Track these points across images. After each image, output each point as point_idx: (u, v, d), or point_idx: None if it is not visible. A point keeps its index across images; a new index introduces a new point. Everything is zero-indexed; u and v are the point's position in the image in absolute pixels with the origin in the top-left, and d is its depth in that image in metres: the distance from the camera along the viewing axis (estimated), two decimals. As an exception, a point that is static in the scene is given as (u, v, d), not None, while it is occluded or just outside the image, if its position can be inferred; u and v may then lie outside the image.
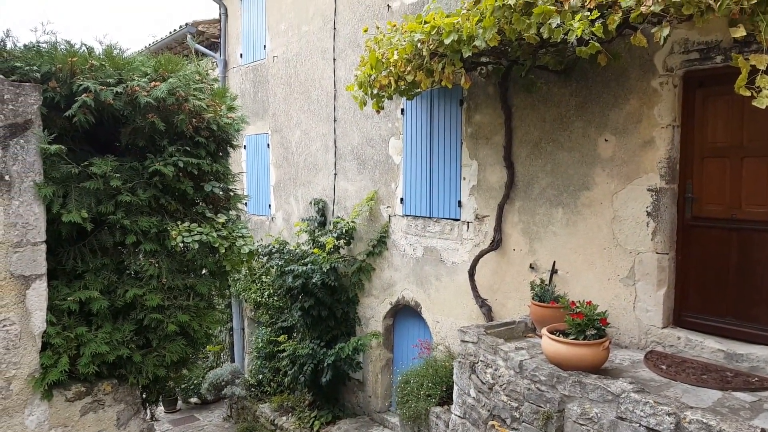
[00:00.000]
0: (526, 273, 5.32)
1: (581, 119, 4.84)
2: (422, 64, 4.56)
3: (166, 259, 4.26)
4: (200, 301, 4.49)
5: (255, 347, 8.59)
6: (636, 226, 4.49)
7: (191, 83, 4.22)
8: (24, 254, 3.77)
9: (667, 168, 4.31)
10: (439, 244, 6.28)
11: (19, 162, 3.73)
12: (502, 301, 5.58)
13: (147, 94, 3.90)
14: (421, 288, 6.55)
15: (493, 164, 5.60)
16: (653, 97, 4.35)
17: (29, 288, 3.81)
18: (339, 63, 7.60)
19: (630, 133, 4.50)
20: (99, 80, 3.89)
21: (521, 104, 5.32)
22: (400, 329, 7.20)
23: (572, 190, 4.94)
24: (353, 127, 7.44)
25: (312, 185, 8.30)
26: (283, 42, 8.77)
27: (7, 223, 3.70)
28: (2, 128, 3.67)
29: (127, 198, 3.99)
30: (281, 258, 7.51)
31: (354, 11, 7.31)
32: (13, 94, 3.72)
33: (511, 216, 5.47)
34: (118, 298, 4.13)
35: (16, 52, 3.99)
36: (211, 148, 4.42)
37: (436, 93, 6.16)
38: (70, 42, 4.17)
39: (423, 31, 4.41)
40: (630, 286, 4.55)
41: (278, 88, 8.95)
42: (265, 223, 9.49)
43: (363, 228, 7.34)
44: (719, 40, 3.98)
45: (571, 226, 4.96)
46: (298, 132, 8.52)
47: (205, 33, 10.38)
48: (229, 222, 4.59)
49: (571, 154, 4.93)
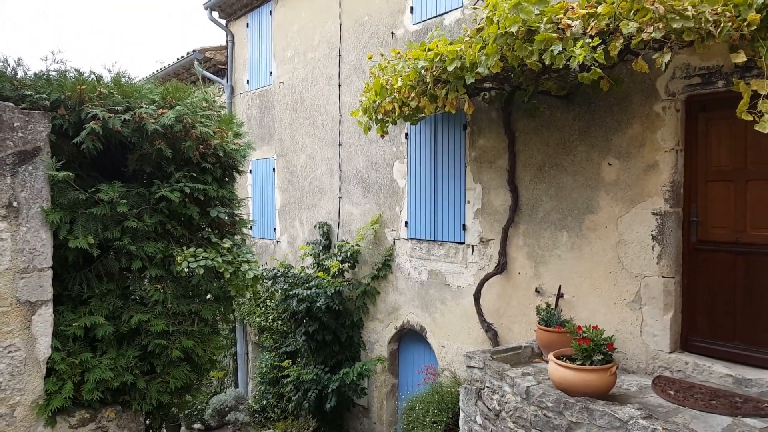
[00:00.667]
0: (532, 297, 5.30)
1: (584, 143, 4.87)
2: (426, 90, 4.61)
3: (172, 284, 4.27)
4: (205, 326, 4.48)
5: (259, 372, 8.53)
6: (641, 249, 4.48)
7: (198, 110, 4.27)
8: (30, 280, 3.78)
9: (672, 192, 4.31)
10: (443, 268, 6.27)
11: (28, 188, 3.77)
12: (508, 326, 5.55)
13: (154, 122, 3.95)
14: (426, 312, 6.52)
15: (497, 188, 5.62)
16: (656, 122, 4.38)
17: (35, 314, 3.82)
18: (344, 89, 7.68)
19: (633, 157, 4.51)
20: (107, 107, 3.95)
21: (524, 128, 5.35)
22: (405, 354, 7.15)
23: (576, 213, 4.94)
24: (358, 152, 7.49)
25: (317, 209, 8.33)
26: (289, 68, 8.88)
27: (15, 249, 3.72)
28: (12, 155, 3.72)
29: (134, 223, 4.01)
30: (286, 282, 7.51)
31: (359, 39, 7.42)
32: (22, 122, 3.78)
33: (515, 239, 5.47)
34: (123, 324, 4.13)
35: (27, 81, 4.06)
36: (217, 174, 4.46)
37: (440, 118, 6.21)
38: (79, 70, 4.24)
39: (426, 58, 4.47)
40: (636, 311, 4.52)
41: (284, 114, 9.04)
42: (270, 247, 9.50)
43: (367, 251, 7.34)
44: (720, 65, 4.02)
45: (576, 249, 4.95)
46: (304, 156, 8.58)
47: (212, 59, 10.53)
48: (234, 246, 4.61)
49: (575, 178, 4.94)
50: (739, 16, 3.29)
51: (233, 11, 10.07)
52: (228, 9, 10.08)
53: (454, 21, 6.04)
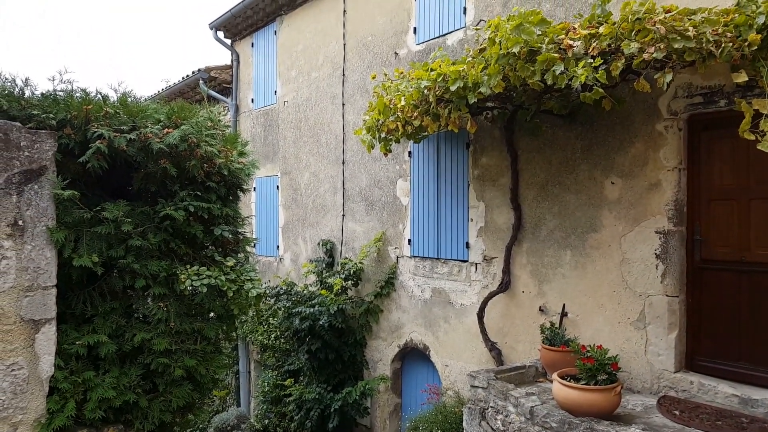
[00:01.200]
0: (536, 316, 5.27)
1: (587, 162, 4.88)
2: (429, 109, 4.64)
3: (175, 302, 4.27)
4: (207, 345, 4.47)
5: (261, 391, 8.47)
6: (645, 268, 4.47)
7: (203, 129, 4.30)
8: (35, 298, 3.79)
9: (675, 210, 4.32)
10: (447, 286, 6.26)
11: (33, 207, 3.80)
12: (512, 344, 5.52)
13: (160, 141, 3.98)
14: (430, 330, 6.50)
15: (500, 206, 5.63)
16: (658, 140, 4.39)
17: (38, 332, 3.82)
18: (348, 107, 7.74)
19: (636, 176, 4.52)
20: (113, 127, 3.98)
21: (527, 147, 5.38)
22: (409, 373, 7.11)
23: (580, 232, 4.94)
24: (361, 169, 7.52)
25: (320, 226, 8.34)
26: (293, 88, 8.96)
27: (19, 268, 3.74)
28: (18, 174, 3.74)
29: (138, 242, 4.03)
30: (288, 300, 7.50)
31: (362, 58, 7.49)
32: (29, 141, 3.81)
33: (519, 258, 5.46)
34: (126, 342, 4.12)
35: (34, 100, 4.10)
36: (221, 193, 4.48)
37: (443, 136, 6.25)
38: (86, 90, 4.28)
39: (429, 78, 4.51)
40: (641, 330, 4.50)
41: (288, 132, 9.10)
42: (273, 264, 9.50)
43: (371, 269, 7.34)
44: (722, 85, 4.04)
45: (580, 268, 4.94)
46: (307, 174, 8.62)
47: (217, 78, 10.64)
48: (238, 264, 4.61)
49: (578, 196, 4.95)
50: (740, 36, 3.32)
51: (238, 31, 10.20)
52: (233, 29, 10.20)
53: (457, 41, 6.10)
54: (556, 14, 5.08)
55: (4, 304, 3.68)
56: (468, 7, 5.99)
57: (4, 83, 4.08)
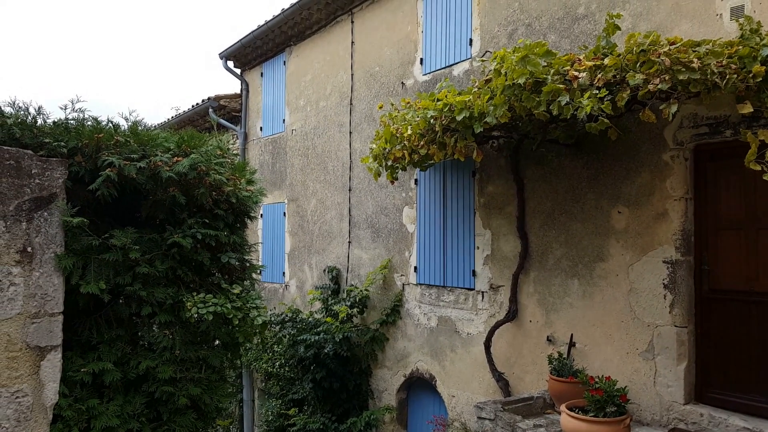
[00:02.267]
0: (544, 346, 5.22)
1: (593, 191, 4.89)
2: (435, 138, 4.68)
3: (180, 330, 4.26)
4: (212, 373, 4.44)
5: (265, 420, 8.37)
6: (653, 298, 4.44)
7: (212, 158, 4.34)
8: (41, 325, 3.79)
9: (682, 240, 4.30)
10: (453, 314, 6.22)
11: (42, 234, 3.82)
12: (519, 375, 5.46)
13: (169, 169, 4.02)
14: (436, 360, 6.44)
15: (507, 234, 5.63)
16: (665, 170, 4.40)
17: (44, 359, 3.81)
18: (355, 136, 7.81)
19: (643, 205, 4.52)
20: (123, 155, 4.02)
21: (533, 176, 5.40)
22: (414, 403, 7.02)
23: (587, 261, 4.92)
24: (368, 197, 7.56)
25: (326, 253, 8.34)
26: (301, 116, 9.07)
27: (27, 294, 3.75)
28: (28, 201, 3.78)
29: (145, 269, 4.04)
30: (294, 327, 7.46)
31: (370, 88, 7.58)
32: (40, 169, 3.85)
33: (526, 286, 5.44)
34: (131, 370, 4.10)
35: (46, 129, 4.16)
36: (229, 220, 4.50)
37: (449, 164, 6.28)
38: (97, 119, 4.35)
39: (436, 108, 4.56)
40: (650, 361, 4.44)
41: (296, 160, 9.18)
42: (279, 291, 9.48)
43: (376, 296, 7.31)
44: (728, 115, 4.06)
45: (588, 297, 4.91)
46: (314, 201, 8.66)
47: (226, 107, 10.78)
48: (244, 292, 4.61)
49: (585, 225, 4.94)
50: (744, 68, 3.35)
51: (248, 61, 10.36)
52: (243, 59, 10.38)
53: (463, 72, 6.18)
54: (561, 45, 5.15)
55: (11, 330, 3.69)
56: (474, 38, 6.08)
57: (17, 111, 4.15)
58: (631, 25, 4.64)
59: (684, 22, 4.33)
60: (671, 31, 4.34)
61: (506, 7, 5.73)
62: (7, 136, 3.97)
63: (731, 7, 4.06)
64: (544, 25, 5.36)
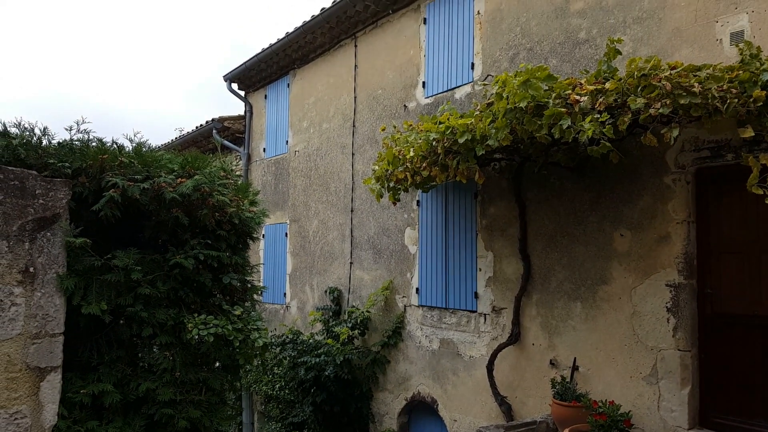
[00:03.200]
0: (546, 369, 5.18)
1: (595, 214, 4.89)
2: (437, 160, 4.71)
3: (181, 351, 4.23)
4: (212, 395, 4.40)
5: (265, 443, 8.29)
6: (656, 321, 4.41)
7: (216, 179, 4.36)
8: (41, 346, 3.77)
9: (685, 263, 4.29)
10: (455, 337, 6.18)
11: (45, 254, 3.82)
12: (522, 399, 5.40)
13: (173, 190, 4.03)
14: (438, 383, 6.38)
15: (509, 256, 5.62)
16: (666, 193, 4.41)
17: (44, 380, 3.78)
18: (357, 157, 7.85)
19: (645, 228, 4.52)
20: (127, 176, 4.04)
21: (535, 198, 5.40)
22: (416, 428, 6.94)
23: (590, 284, 4.90)
24: (370, 218, 7.56)
25: (328, 274, 8.32)
26: (304, 138, 9.12)
27: (28, 315, 3.73)
28: (31, 222, 3.79)
29: (147, 290, 4.03)
30: (294, 349, 7.41)
31: (372, 111, 7.64)
32: (44, 189, 3.87)
33: (528, 309, 5.41)
34: (131, 392, 4.07)
35: (51, 149, 4.18)
36: (231, 241, 4.50)
37: (451, 186, 6.30)
38: (102, 140, 4.38)
39: (438, 130, 4.59)
40: (653, 385, 4.40)
41: (298, 180, 9.21)
42: (280, 312, 9.44)
43: (378, 318, 7.28)
44: (729, 139, 4.08)
45: (591, 321, 4.88)
46: (316, 222, 8.67)
47: (230, 129, 10.85)
48: (245, 313, 4.59)
49: (587, 248, 4.94)
50: (745, 92, 3.38)
51: (252, 83, 10.47)
52: (247, 81, 10.48)
53: (464, 95, 6.23)
54: (563, 70, 5.20)
55: (11, 351, 3.67)
56: (476, 62, 6.14)
57: (23, 132, 4.18)
58: (631, 50, 4.69)
59: (684, 47, 4.38)
60: (672, 56, 4.38)
61: (508, 32, 5.80)
62: (12, 157, 3.99)
63: (731, 33, 4.10)
64: (545, 50, 5.42)
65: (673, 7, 4.48)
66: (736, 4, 4.11)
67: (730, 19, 4.13)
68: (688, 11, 4.38)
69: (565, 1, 5.28)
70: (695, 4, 4.34)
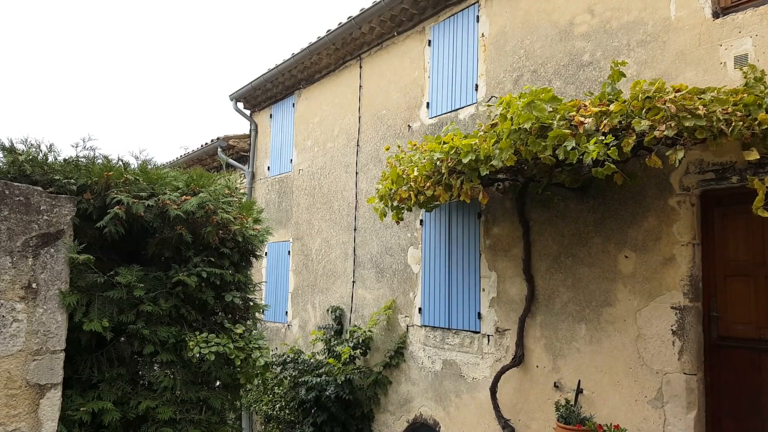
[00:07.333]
0: (551, 392, 5.12)
1: (600, 235, 4.88)
2: (441, 180, 4.71)
3: (182, 370, 4.20)
4: (212, 415, 4.36)
5: (265, 464, 8.18)
6: (661, 344, 4.37)
7: (220, 197, 4.37)
8: (42, 362, 3.75)
9: (690, 286, 4.26)
10: (458, 358, 6.13)
11: (48, 270, 3.82)
12: (525, 422, 5.33)
13: (177, 208, 4.04)
14: (440, 405, 6.31)
15: (513, 276, 5.59)
16: (671, 215, 4.40)
17: (43, 397, 3.75)
18: (361, 176, 7.87)
19: (650, 250, 4.50)
20: (132, 193, 4.05)
21: (539, 218, 5.39)
22: (418, 449, 6.85)
23: (594, 305, 4.87)
24: (373, 237, 7.55)
25: (330, 292, 8.29)
26: (308, 156, 9.16)
27: (30, 331, 3.72)
28: (35, 237, 3.80)
29: (149, 308, 4.02)
30: (295, 368, 7.35)
31: (376, 130, 7.68)
32: (48, 205, 3.88)
33: (533, 330, 5.37)
34: (131, 410, 4.03)
35: (56, 166, 4.21)
36: (234, 259, 4.50)
37: (455, 205, 6.29)
38: (108, 157, 4.40)
39: (442, 150, 4.60)
40: (659, 408, 4.34)
41: (302, 199, 9.23)
42: (281, 331, 9.39)
43: (380, 337, 7.22)
44: (734, 161, 4.08)
45: (595, 343, 4.83)
46: (319, 240, 8.66)
47: (235, 147, 10.92)
48: (246, 332, 4.56)
49: (592, 269, 4.91)
50: (750, 115, 3.39)
51: (257, 102, 10.55)
52: (252, 100, 10.56)
53: (468, 116, 6.26)
54: (567, 91, 5.23)
55: (11, 367, 3.65)
56: (480, 83, 6.18)
57: (29, 148, 4.21)
58: (636, 73, 4.71)
59: (688, 70, 4.40)
60: (676, 79, 4.41)
61: (512, 54, 5.85)
62: (18, 173, 4.01)
63: (735, 56, 4.13)
64: (549, 72, 5.45)
65: (677, 30, 4.51)
66: (740, 27, 4.14)
67: (734, 42, 4.16)
68: (692, 35, 4.41)
69: (569, 23, 5.33)
70: (699, 27, 4.37)
